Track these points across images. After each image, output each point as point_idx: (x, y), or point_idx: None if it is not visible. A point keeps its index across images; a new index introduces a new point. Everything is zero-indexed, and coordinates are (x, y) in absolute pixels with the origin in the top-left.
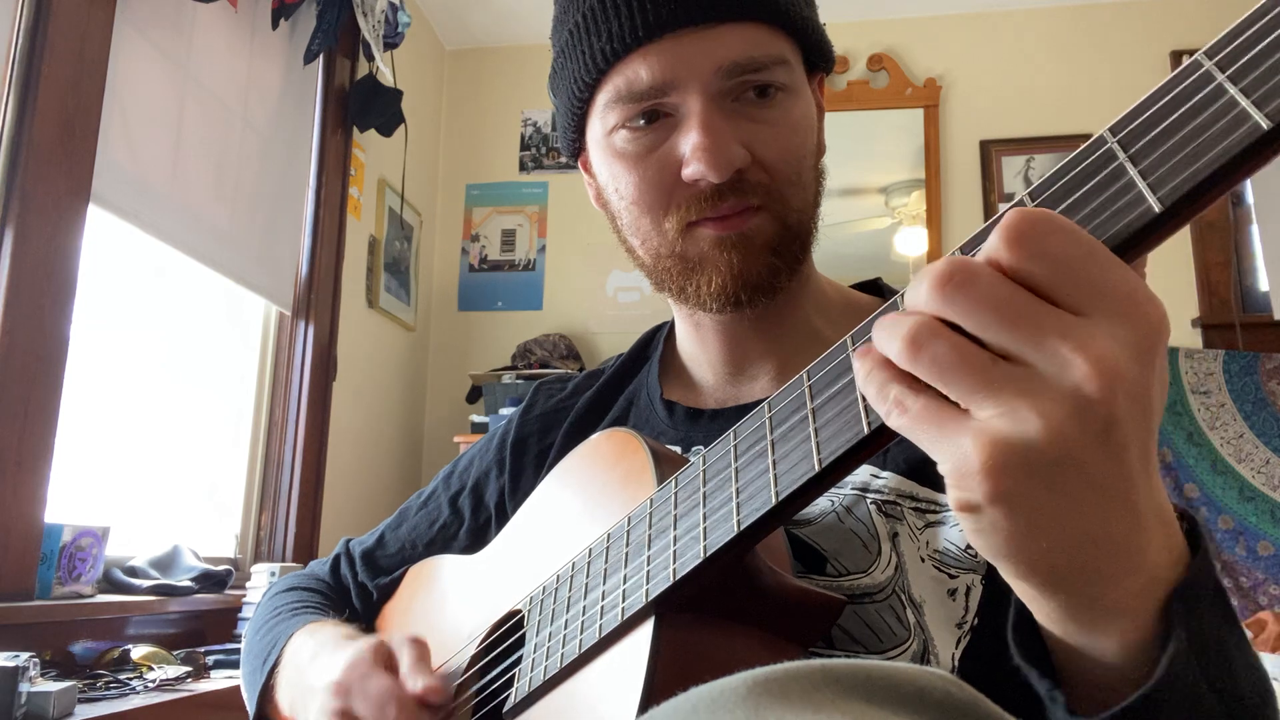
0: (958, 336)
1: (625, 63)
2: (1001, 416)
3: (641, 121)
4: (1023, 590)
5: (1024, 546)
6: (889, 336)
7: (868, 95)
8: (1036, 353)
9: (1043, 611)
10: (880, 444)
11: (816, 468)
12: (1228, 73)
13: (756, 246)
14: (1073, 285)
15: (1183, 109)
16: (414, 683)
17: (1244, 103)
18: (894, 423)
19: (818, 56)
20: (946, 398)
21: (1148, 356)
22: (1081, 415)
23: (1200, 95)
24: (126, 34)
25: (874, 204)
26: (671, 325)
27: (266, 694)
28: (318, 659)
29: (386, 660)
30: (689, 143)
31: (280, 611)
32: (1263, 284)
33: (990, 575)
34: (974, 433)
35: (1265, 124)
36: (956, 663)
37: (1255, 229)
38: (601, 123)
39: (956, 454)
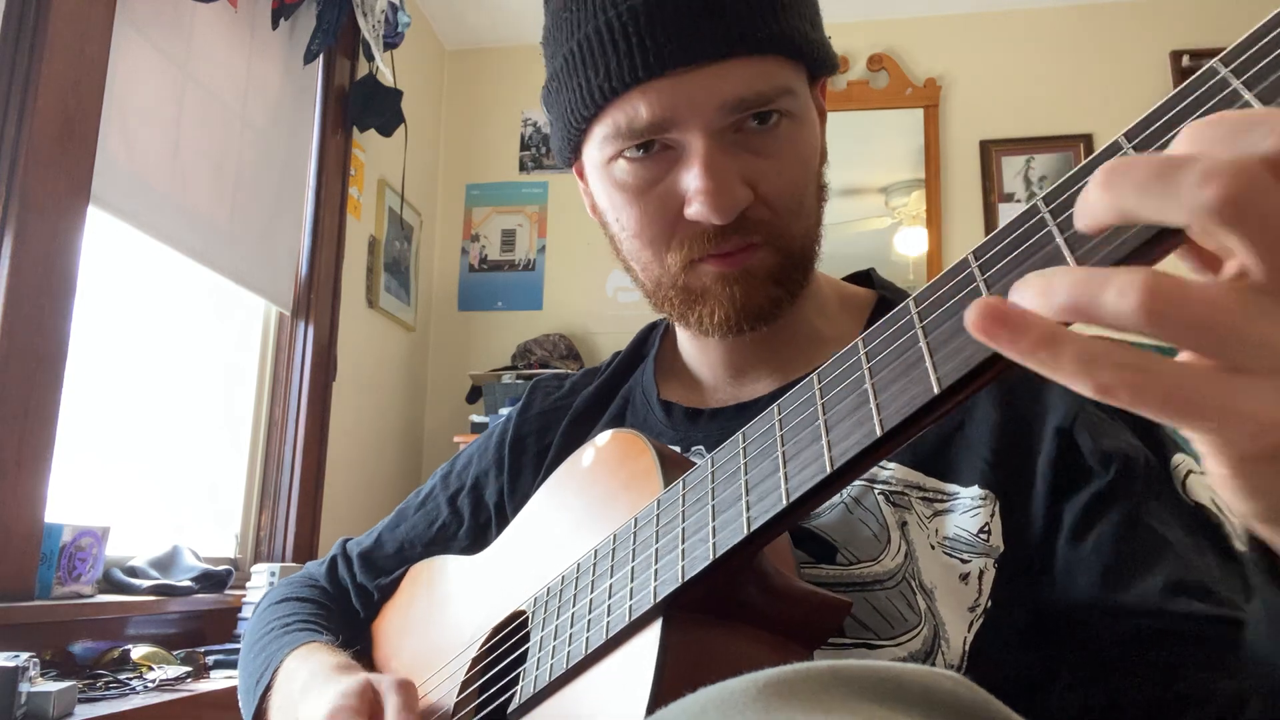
0: (1203, 285)
1: (624, 99)
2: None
3: (640, 151)
4: None
5: None
6: (1104, 295)
7: (868, 95)
8: None
9: None
10: (893, 446)
11: (829, 469)
12: (1243, 78)
13: (759, 279)
14: None
15: (1196, 115)
16: None
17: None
18: (1126, 400)
19: (821, 67)
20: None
21: None
22: None
23: (1214, 101)
24: (126, 33)
25: (874, 204)
26: (668, 323)
27: (260, 717)
28: (308, 693)
29: (371, 703)
30: (692, 183)
31: (272, 627)
32: None
33: (1003, 559)
34: (1255, 391)
35: None
36: (969, 645)
37: None
38: (599, 152)
39: (1232, 422)
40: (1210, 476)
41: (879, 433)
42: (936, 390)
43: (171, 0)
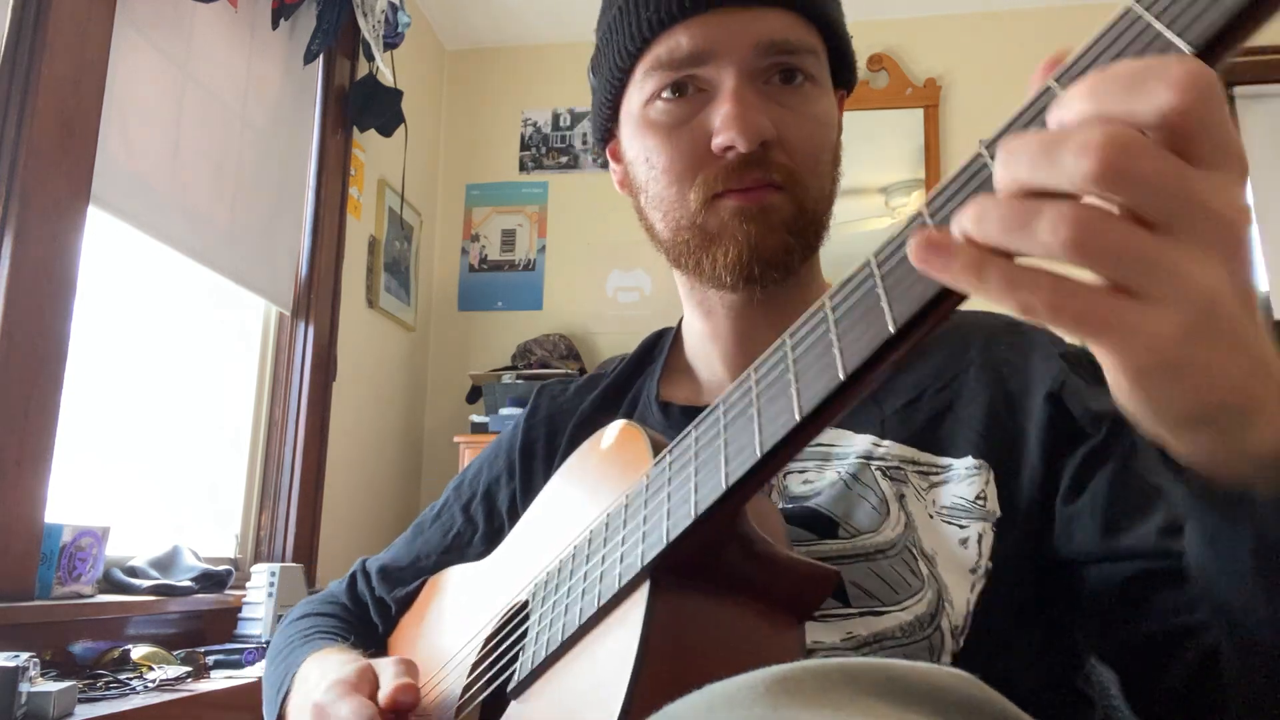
0: (1125, 218)
1: (669, 33)
2: (1179, 289)
3: (677, 94)
4: (1181, 438)
5: (1191, 402)
6: (1036, 229)
7: (868, 95)
8: (1196, 219)
9: (1199, 449)
10: (856, 392)
11: (798, 417)
12: (1153, 10)
13: (774, 223)
14: (1212, 146)
15: (1116, 49)
16: (384, 692)
17: (1168, 34)
18: (1045, 317)
19: (842, 66)
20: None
21: None
22: (1239, 264)
23: (1132, 34)
24: (126, 34)
25: (874, 204)
26: (677, 331)
27: None
28: (319, 686)
29: (371, 682)
30: (720, 113)
31: (293, 640)
32: (1263, 284)
33: (1001, 524)
34: (1152, 313)
35: (1189, 50)
36: (972, 607)
37: (1254, 229)
38: (639, 92)
39: (1132, 339)
40: (1114, 392)
41: (842, 377)
42: (892, 329)
43: (171, 0)
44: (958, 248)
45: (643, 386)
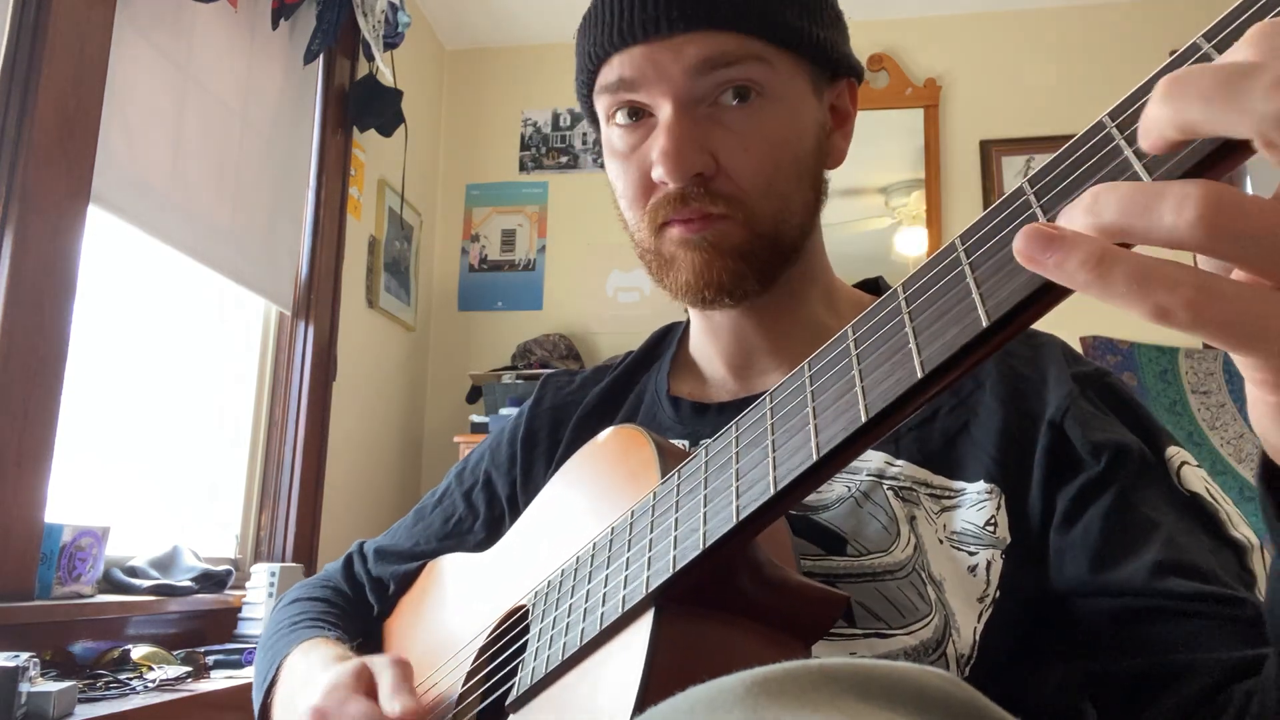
0: (1262, 199)
1: (607, 62)
2: None
3: (630, 119)
4: None
5: None
6: (1158, 211)
7: (868, 95)
8: None
9: None
10: (880, 432)
11: (814, 456)
12: (1225, 52)
13: (722, 250)
14: None
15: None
16: (391, 706)
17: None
18: (1184, 323)
19: (825, 62)
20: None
21: None
22: None
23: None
24: (126, 34)
25: (874, 204)
26: (687, 324)
27: (266, 713)
28: (308, 683)
29: (367, 683)
30: (655, 146)
31: (282, 627)
32: None
33: (1010, 550)
34: None
35: None
36: (979, 635)
37: None
38: (601, 110)
39: None
40: (1257, 408)
41: (863, 419)
42: (920, 374)
43: (171, 0)
44: (1076, 240)
45: (650, 380)
